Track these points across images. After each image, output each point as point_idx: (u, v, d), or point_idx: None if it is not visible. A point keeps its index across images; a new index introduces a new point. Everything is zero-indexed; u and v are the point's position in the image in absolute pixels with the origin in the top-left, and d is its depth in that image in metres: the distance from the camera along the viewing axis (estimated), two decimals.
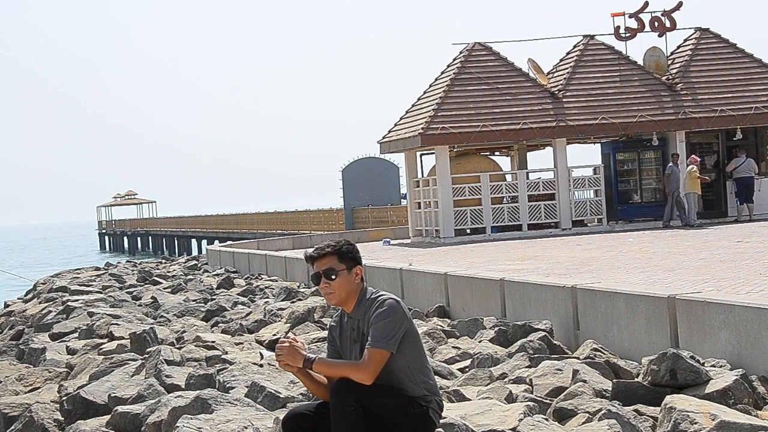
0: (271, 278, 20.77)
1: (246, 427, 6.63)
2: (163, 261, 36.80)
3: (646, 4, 27.16)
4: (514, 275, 11.80)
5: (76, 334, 13.52)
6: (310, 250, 5.62)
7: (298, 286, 17.74)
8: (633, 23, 27.19)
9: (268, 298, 16.91)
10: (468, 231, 25.50)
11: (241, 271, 23.84)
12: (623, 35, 27.29)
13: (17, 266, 64.55)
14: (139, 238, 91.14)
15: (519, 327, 9.86)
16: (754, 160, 26.09)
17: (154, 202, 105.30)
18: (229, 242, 37.85)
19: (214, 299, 16.63)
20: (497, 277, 11.61)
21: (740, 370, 6.91)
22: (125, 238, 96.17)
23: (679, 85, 26.47)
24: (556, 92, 26.15)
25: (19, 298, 27.10)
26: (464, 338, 10.43)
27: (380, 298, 5.50)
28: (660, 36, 27.38)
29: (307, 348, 5.54)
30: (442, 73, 27.58)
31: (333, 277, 5.51)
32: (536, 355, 8.63)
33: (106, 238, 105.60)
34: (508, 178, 26.30)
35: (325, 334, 8.92)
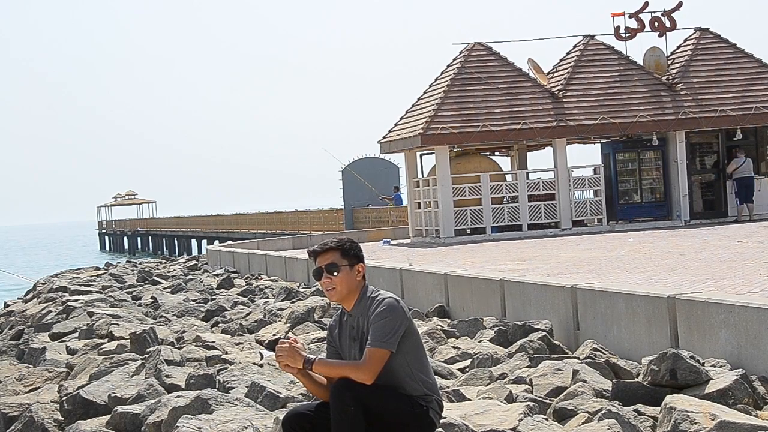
0: (271, 278, 20.77)
1: (246, 427, 6.63)
2: (163, 261, 36.78)
3: (646, 4, 27.14)
4: (514, 275, 11.80)
5: (76, 334, 13.51)
6: (314, 246, 5.65)
7: (298, 286, 17.73)
8: (633, 23, 27.18)
9: (268, 298, 16.91)
10: (468, 231, 25.49)
11: (241, 271, 23.83)
12: (623, 35, 27.27)
13: (17, 266, 64.55)
14: (139, 238, 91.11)
15: (519, 327, 9.86)
16: (755, 160, 26.10)
17: (154, 202, 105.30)
18: (229, 242, 37.83)
19: (214, 299, 16.63)
20: (497, 277, 11.61)
21: (740, 370, 6.91)
22: (125, 238, 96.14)
23: (679, 85, 26.47)
24: (556, 92, 26.14)
25: (19, 298, 27.10)
26: (464, 338, 10.43)
27: (380, 297, 5.51)
28: (660, 36, 27.37)
29: (307, 348, 5.55)
30: (442, 73, 27.57)
31: (335, 272, 5.53)
32: (536, 355, 8.64)
33: (106, 238, 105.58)
34: (508, 178, 26.28)
35: (325, 334, 8.93)
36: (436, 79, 27.66)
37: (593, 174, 26.21)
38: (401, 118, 27.67)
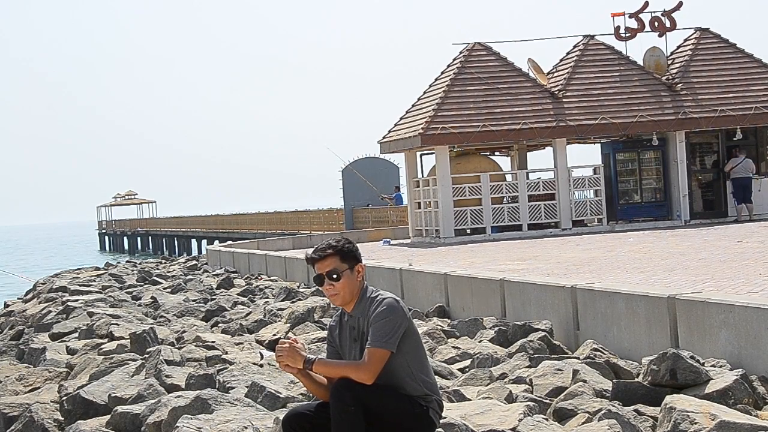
0: (271, 278, 20.76)
1: (246, 427, 6.63)
2: (163, 261, 36.80)
3: (646, 4, 27.15)
4: (514, 275, 11.80)
5: (76, 334, 13.51)
6: (311, 252, 5.59)
7: (298, 286, 17.74)
8: (633, 23, 27.18)
9: (268, 298, 16.91)
10: (468, 231, 25.49)
11: (241, 271, 23.83)
12: (623, 35, 27.28)
13: (17, 266, 64.54)
14: (139, 238, 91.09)
15: (519, 327, 9.86)
16: (755, 160, 26.11)
17: (154, 202, 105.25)
18: (229, 242, 37.84)
19: (214, 299, 16.63)
20: (497, 277, 11.61)
21: (740, 370, 6.91)
22: (125, 238, 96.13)
23: (679, 85, 26.47)
24: (556, 92, 26.14)
25: (19, 298, 27.10)
26: (464, 338, 10.43)
27: (379, 297, 5.50)
28: (660, 36, 27.37)
29: (307, 348, 5.54)
30: (442, 73, 27.56)
31: (337, 277, 5.51)
32: (536, 355, 8.64)
33: (106, 238, 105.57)
34: (508, 178, 26.29)
35: (325, 334, 8.94)
36: (436, 79, 27.66)
37: (593, 174, 26.21)
38: (401, 118, 27.67)
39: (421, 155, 27.59)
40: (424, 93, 27.58)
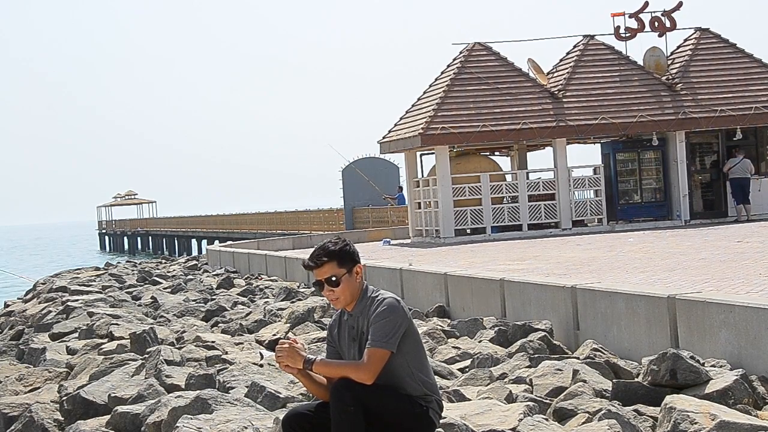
0: (271, 278, 20.76)
1: (246, 427, 6.63)
2: (163, 261, 36.78)
3: (646, 4, 27.15)
4: (514, 275, 11.80)
5: (76, 334, 13.51)
6: (308, 259, 5.55)
7: (298, 286, 17.74)
8: (633, 23, 27.19)
9: (268, 298, 16.91)
10: (468, 231, 25.49)
11: (241, 271, 23.83)
12: (623, 35, 27.29)
13: (17, 266, 64.52)
14: (139, 238, 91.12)
15: (519, 327, 9.86)
16: (755, 160, 26.09)
17: (154, 202, 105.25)
18: (229, 242, 37.84)
19: (214, 299, 16.63)
20: (497, 277, 11.61)
21: (740, 370, 6.90)
22: (125, 238, 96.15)
23: (679, 85, 26.47)
24: (556, 92, 26.14)
25: (19, 298, 27.10)
26: (464, 338, 10.43)
27: (380, 297, 5.50)
28: (660, 36, 27.38)
29: (307, 348, 5.54)
30: (442, 73, 27.57)
31: (336, 282, 5.50)
32: (536, 355, 8.63)
33: (106, 238, 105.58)
34: (508, 178, 26.30)
35: (325, 334, 8.93)
36: (436, 79, 27.66)
37: (593, 174, 26.22)
38: (401, 118, 27.67)
39: (421, 155, 27.60)
40: (424, 93, 27.59)
